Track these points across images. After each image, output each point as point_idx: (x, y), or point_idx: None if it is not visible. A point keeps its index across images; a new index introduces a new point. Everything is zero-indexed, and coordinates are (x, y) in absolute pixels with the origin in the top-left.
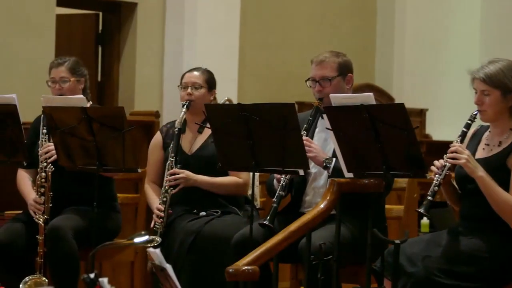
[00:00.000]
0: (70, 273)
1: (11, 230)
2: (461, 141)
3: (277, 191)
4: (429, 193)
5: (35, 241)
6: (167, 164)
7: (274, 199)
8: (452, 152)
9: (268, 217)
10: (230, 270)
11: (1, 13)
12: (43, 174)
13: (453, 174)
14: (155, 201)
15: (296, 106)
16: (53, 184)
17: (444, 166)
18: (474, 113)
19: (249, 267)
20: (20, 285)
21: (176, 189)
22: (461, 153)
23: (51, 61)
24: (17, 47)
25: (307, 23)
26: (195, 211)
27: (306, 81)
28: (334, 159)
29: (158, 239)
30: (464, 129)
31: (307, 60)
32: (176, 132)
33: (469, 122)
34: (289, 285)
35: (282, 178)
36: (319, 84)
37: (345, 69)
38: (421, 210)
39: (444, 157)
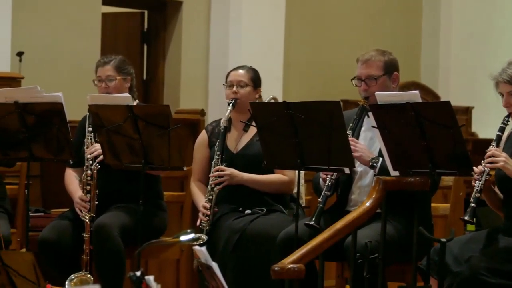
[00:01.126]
0: (116, 271)
1: (58, 227)
2: (497, 145)
3: (323, 191)
4: (471, 200)
5: (81, 239)
6: (212, 162)
7: (320, 199)
8: (489, 157)
9: (314, 218)
10: (276, 268)
11: (47, 12)
12: (89, 172)
13: (493, 174)
14: (201, 199)
15: (341, 104)
16: (99, 182)
17: (483, 171)
18: (506, 116)
19: (294, 265)
20: (66, 283)
21: (221, 186)
22: (498, 156)
23: (96, 59)
24: (63, 46)
25: (352, 21)
26: (241, 209)
27: (351, 80)
28: (380, 158)
29: (204, 237)
30: (498, 133)
31: (352, 58)
32: (222, 131)
33: (503, 125)
34: (335, 284)
35: (328, 178)
36: (365, 83)
37: (391, 68)
38: (466, 217)
39: (482, 163)
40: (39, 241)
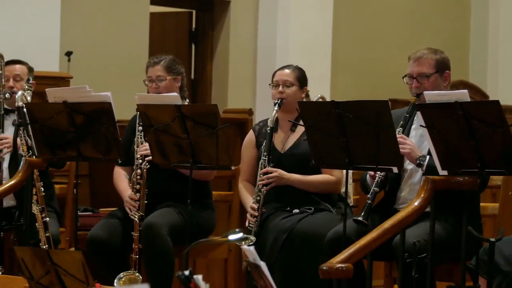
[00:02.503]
0: (165, 270)
1: (108, 226)
2: None
3: (372, 187)
4: None
5: (130, 238)
6: (260, 163)
7: (368, 196)
8: None
9: (362, 214)
10: (324, 268)
11: (96, 12)
12: (139, 171)
13: None
14: (249, 200)
15: (390, 103)
16: (148, 181)
17: None
18: None
19: (343, 265)
20: (115, 281)
21: (268, 187)
22: None
23: (145, 59)
24: (112, 45)
25: (400, 20)
26: (288, 208)
27: (403, 77)
28: (428, 156)
29: (253, 238)
30: None
31: (400, 56)
32: (269, 131)
33: None
34: (383, 283)
35: (377, 175)
36: (416, 80)
37: (443, 66)
38: None
39: None
40: (89, 239)
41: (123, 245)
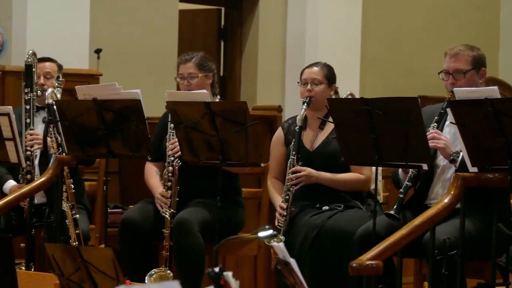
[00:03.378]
0: (196, 267)
1: (143, 210)
2: None
3: (405, 182)
4: None
5: (161, 225)
6: (288, 162)
7: (401, 190)
8: None
9: (394, 207)
10: (354, 265)
11: (125, 10)
12: (170, 168)
13: None
14: (278, 199)
15: (419, 100)
16: (179, 178)
17: None
18: None
19: (372, 262)
20: (146, 278)
21: (297, 186)
22: None
23: (174, 56)
24: (141, 43)
25: (429, 16)
26: (318, 205)
27: (439, 73)
28: (461, 153)
29: (282, 237)
30: None
31: (429, 53)
32: (297, 130)
33: None
34: (413, 280)
35: (410, 169)
36: (452, 76)
37: (479, 63)
38: None
39: None
40: (122, 220)
41: (154, 231)
